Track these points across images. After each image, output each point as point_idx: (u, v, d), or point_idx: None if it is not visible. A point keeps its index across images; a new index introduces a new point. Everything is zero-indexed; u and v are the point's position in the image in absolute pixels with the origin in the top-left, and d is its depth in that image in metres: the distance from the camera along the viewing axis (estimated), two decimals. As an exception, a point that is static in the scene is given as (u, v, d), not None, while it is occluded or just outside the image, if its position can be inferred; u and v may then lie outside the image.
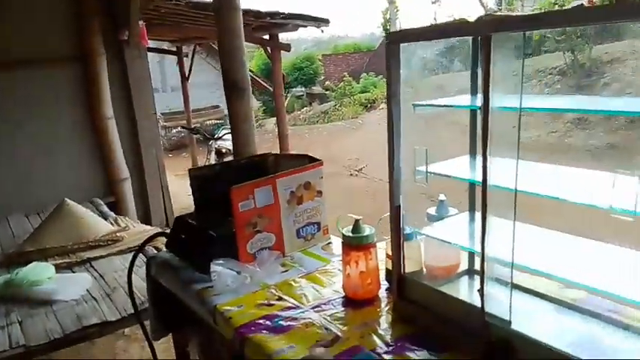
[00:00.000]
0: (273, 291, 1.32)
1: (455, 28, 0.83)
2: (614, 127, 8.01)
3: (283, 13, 5.33)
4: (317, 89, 26.89)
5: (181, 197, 7.07)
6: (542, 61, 11.96)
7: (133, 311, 2.18)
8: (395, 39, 0.93)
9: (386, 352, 0.99)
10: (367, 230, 1.18)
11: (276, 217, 1.69)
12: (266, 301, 1.25)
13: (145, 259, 2.16)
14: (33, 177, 4.02)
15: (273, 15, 5.17)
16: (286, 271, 1.59)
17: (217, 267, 1.57)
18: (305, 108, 22.60)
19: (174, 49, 8.44)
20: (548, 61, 11.77)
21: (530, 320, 0.96)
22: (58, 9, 3.99)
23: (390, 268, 1.18)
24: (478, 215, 0.98)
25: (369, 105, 18.24)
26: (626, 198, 0.69)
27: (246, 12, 5.02)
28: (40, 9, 3.92)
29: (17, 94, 3.91)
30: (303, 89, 25.45)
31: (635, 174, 0.69)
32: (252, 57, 26.87)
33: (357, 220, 1.18)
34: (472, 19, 0.82)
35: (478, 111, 0.89)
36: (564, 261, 0.91)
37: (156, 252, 2.34)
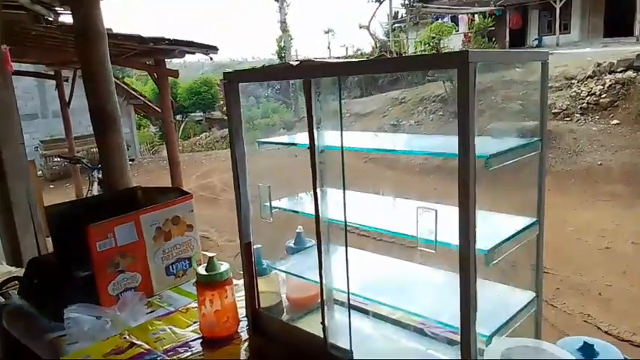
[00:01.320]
0: (126, 337, 1.25)
1: (282, 72, 0.87)
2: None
3: (168, 40, 5.22)
4: (216, 114, 26.55)
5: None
6: (427, 89, 12.92)
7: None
8: (233, 78, 0.95)
9: (238, 392, 0.98)
10: (222, 267, 1.16)
11: (142, 256, 1.62)
12: (116, 349, 1.18)
13: None
14: None
15: (157, 41, 5.04)
16: (153, 311, 1.51)
17: (73, 313, 1.45)
18: (204, 133, 22.19)
19: (52, 72, 7.88)
20: (431, 89, 12.75)
21: (373, 345, 1.01)
22: None
23: (251, 303, 1.17)
24: (329, 247, 1.02)
25: (268, 130, 18.39)
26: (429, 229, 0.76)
27: (129, 37, 4.85)
28: None
29: None
30: (202, 114, 25.02)
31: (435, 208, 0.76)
32: (146, 82, 25.91)
33: (210, 258, 1.16)
34: (320, 59, 0.87)
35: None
36: (389, 286, 0.97)
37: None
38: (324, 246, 0.95)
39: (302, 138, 1.01)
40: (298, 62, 0.81)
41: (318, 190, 0.92)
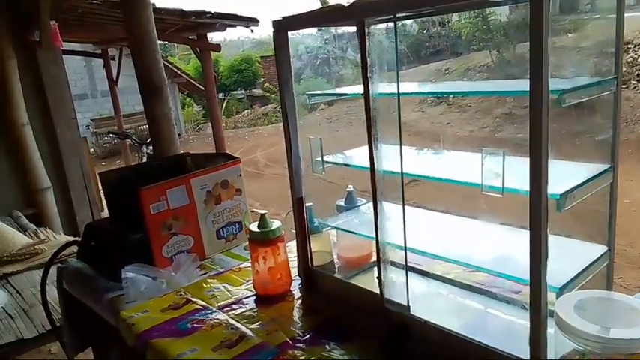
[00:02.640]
0: (182, 293, 1.28)
1: (334, 13, 0.83)
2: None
3: (210, 13, 5.23)
4: (257, 91, 26.70)
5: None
6: (472, 59, 12.47)
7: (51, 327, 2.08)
8: (282, 26, 0.92)
9: (291, 346, 0.98)
10: (274, 225, 1.16)
11: (193, 219, 1.64)
12: (173, 304, 1.21)
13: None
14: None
15: (199, 14, 5.06)
16: (205, 273, 1.54)
17: (130, 273, 1.50)
18: (246, 110, 22.37)
19: (99, 51, 8.09)
20: (477, 59, 12.30)
21: (429, 303, 0.98)
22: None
23: (302, 261, 1.17)
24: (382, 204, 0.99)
25: (309, 106, 18.35)
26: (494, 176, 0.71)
27: (171, 12, 4.89)
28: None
29: None
30: (244, 92, 25.21)
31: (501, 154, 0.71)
32: (189, 61, 26.26)
33: (262, 215, 1.16)
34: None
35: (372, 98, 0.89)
36: (449, 242, 0.94)
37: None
38: (379, 200, 0.92)
39: (355, 89, 0.97)
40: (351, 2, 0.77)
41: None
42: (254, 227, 1.17)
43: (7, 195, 3.98)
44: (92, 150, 11.18)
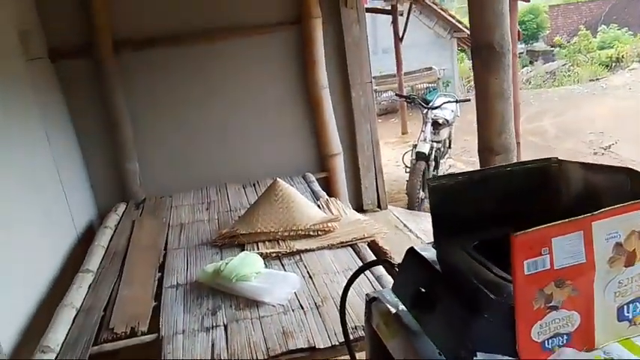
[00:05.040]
0: None
1: None
2: None
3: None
4: (539, 46, 23.86)
5: (389, 168, 6.65)
6: None
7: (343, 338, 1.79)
8: None
9: None
10: None
11: (587, 286, 0.99)
12: None
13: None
14: (244, 149, 3.96)
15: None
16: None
17: (481, 362, 0.96)
18: (525, 68, 20.06)
19: (389, 7, 7.89)
20: None
21: None
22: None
23: None
24: None
25: (611, 64, 15.08)
26: None
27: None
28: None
29: (227, 64, 3.80)
30: (523, 46, 22.71)
31: None
32: (467, 12, 24.80)
33: None
34: None
35: None
36: None
37: (378, 289, 1.84)
38: None
39: None
40: None
41: None
42: None
43: (303, 157, 4.06)
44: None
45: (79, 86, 3.64)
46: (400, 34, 8.13)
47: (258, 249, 2.64)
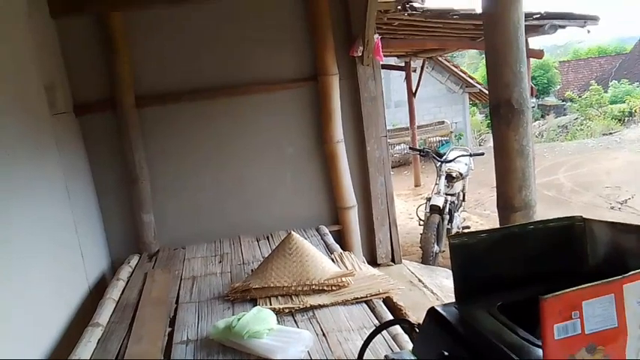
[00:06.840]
0: None
1: None
2: None
3: (539, 14, 4.38)
4: (551, 100, 24.12)
5: (402, 220, 6.58)
6: None
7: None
8: None
9: None
10: None
11: (619, 352, 0.94)
12: None
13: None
14: (259, 201, 3.96)
15: (526, 16, 4.27)
16: None
17: None
18: (538, 121, 20.19)
19: (402, 64, 8.09)
20: None
21: None
22: (290, 26, 3.82)
23: None
24: None
25: (624, 118, 15.14)
26: None
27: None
28: (271, 28, 3.80)
29: (244, 118, 3.86)
30: (535, 100, 22.99)
31: None
32: (477, 68, 25.35)
33: None
34: None
35: None
36: None
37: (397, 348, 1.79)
38: None
39: None
40: None
41: None
42: None
43: (317, 210, 4.04)
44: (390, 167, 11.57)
45: (100, 140, 3.72)
46: (413, 90, 8.30)
47: (270, 304, 2.58)
